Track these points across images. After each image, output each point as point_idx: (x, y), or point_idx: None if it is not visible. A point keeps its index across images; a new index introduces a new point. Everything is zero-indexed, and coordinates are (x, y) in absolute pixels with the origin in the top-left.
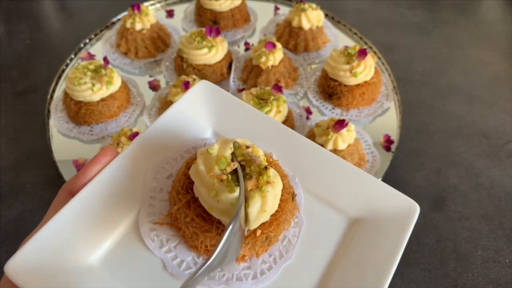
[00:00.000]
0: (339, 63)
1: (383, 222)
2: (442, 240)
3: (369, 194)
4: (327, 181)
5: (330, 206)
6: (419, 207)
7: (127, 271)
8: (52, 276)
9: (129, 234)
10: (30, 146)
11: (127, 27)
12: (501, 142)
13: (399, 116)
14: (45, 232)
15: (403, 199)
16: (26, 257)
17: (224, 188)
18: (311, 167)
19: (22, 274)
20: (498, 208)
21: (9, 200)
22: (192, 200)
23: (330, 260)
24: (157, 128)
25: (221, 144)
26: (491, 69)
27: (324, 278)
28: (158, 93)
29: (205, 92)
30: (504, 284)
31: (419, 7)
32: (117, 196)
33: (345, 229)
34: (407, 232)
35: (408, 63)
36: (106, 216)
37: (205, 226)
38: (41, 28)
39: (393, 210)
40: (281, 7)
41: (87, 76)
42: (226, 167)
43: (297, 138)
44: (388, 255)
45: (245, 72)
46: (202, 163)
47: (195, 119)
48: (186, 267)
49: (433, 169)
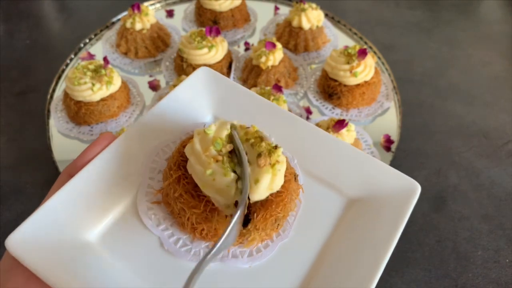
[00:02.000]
0: (339, 63)
1: (382, 202)
2: (442, 240)
3: (368, 174)
4: (325, 162)
5: (328, 187)
6: (420, 187)
7: (125, 248)
8: (52, 251)
9: (128, 213)
10: (30, 146)
11: (127, 27)
12: (501, 142)
13: (399, 116)
14: (45, 209)
15: (404, 178)
16: (26, 232)
17: (220, 169)
18: (310, 149)
19: (23, 248)
20: (498, 208)
21: (9, 200)
22: (183, 176)
23: (327, 240)
24: (157, 112)
25: (218, 126)
26: (491, 69)
27: (320, 257)
28: (158, 93)
29: (205, 77)
30: (504, 284)
31: (419, 7)
32: (116, 177)
33: (344, 210)
34: (407, 212)
35: (408, 63)
36: (105, 195)
37: (192, 202)
38: (41, 28)
39: (393, 189)
40: (281, 7)
41: (87, 76)
42: (222, 148)
43: (295, 120)
44: (386, 235)
45: (245, 72)
46: (199, 142)
47: (195, 104)
48: (182, 244)
49: (433, 169)
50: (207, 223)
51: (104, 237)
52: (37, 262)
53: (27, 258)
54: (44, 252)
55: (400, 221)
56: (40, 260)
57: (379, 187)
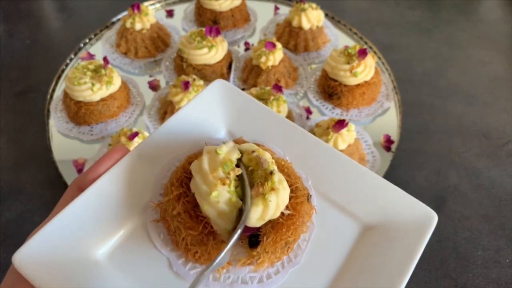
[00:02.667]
0: (339, 63)
1: (398, 230)
2: (442, 240)
3: (384, 200)
4: (341, 185)
5: (343, 211)
6: (437, 216)
7: (134, 267)
8: (58, 268)
9: (137, 231)
10: (30, 146)
11: (127, 27)
12: (501, 142)
13: (399, 116)
14: (53, 225)
15: (421, 207)
16: (33, 249)
17: (226, 193)
18: (325, 170)
19: (29, 265)
20: (498, 208)
21: (9, 200)
22: (184, 194)
23: (340, 267)
24: (171, 126)
25: (230, 148)
26: (491, 69)
27: (333, 285)
28: (158, 93)
29: (220, 90)
30: (504, 284)
31: (419, 7)
32: (127, 192)
33: (358, 236)
34: (423, 241)
35: (408, 63)
36: (114, 212)
37: (189, 223)
38: (41, 28)
39: (410, 218)
40: (281, 7)
41: (87, 76)
42: (230, 171)
43: (313, 140)
44: (401, 264)
45: (245, 72)
46: (207, 161)
47: (210, 118)
48: (191, 267)
49: (433, 169)
50: (201, 246)
51: (112, 255)
52: (43, 280)
53: (33, 275)
54: (50, 269)
55: (416, 250)
56: (46, 277)
57: (395, 214)
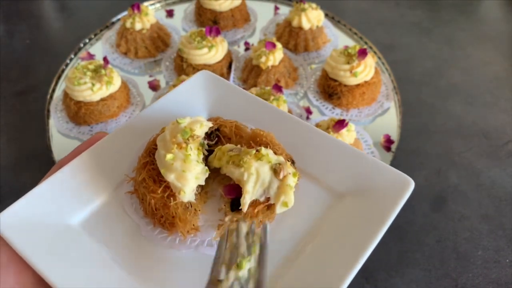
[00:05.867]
0: (339, 63)
1: (371, 198)
2: (442, 240)
3: (358, 169)
4: (316, 157)
5: (316, 181)
6: (413, 182)
7: (106, 233)
8: (36, 233)
9: (112, 201)
10: (30, 146)
11: (127, 27)
12: (501, 142)
13: (399, 116)
14: (34, 194)
15: (396, 174)
16: (15, 213)
17: (181, 155)
18: (302, 146)
19: (9, 227)
20: (498, 208)
21: (9, 200)
22: (150, 162)
23: (306, 235)
24: (155, 109)
25: (194, 119)
26: (491, 69)
27: (296, 250)
28: (158, 93)
29: (204, 80)
30: (504, 284)
31: (419, 7)
32: (104, 168)
33: (330, 204)
34: (395, 207)
35: (408, 63)
36: (92, 185)
37: (152, 187)
38: (41, 28)
39: (384, 185)
40: (281, 7)
41: (87, 76)
42: (189, 138)
43: (290, 119)
44: (369, 231)
45: (245, 72)
46: (169, 130)
47: (192, 104)
48: (160, 232)
49: (433, 169)
50: (165, 209)
51: (87, 222)
52: (21, 241)
53: (12, 236)
54: (29, 233)
55: (386, 216)
56: (24, 240)
57: (369, 182)
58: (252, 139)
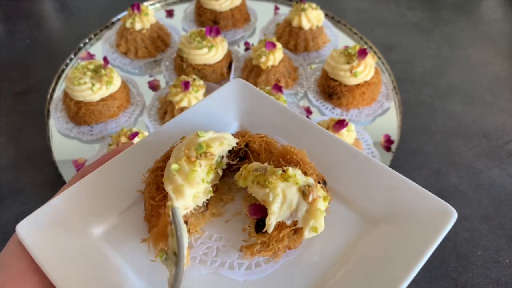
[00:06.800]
0: (339, 63)
1: (409, 225)
2: (442, 240)
3: (396, 194)
4: (351, 178)
5: (349, 205)
6: (456, 213)
7: (127, 245)
8: (56, 242)
9: (135, 211)
10: (30, 146)
11: (127, 27)
12: (501, 142)
13: (399, 116)
14: (55, 201)
15: (437, 202)
16: (35, 220)
17: (186, 168)
18: (337, 165)
19: (30, 235)
20: (498, 208)
21: (9, 200)
22: (161, 168)
23: (338, 259)
24: (184, 118)
25: (215, 136)
26: (491, 69)
27: (326, 277)
28: (158, 93)
29: (237, 88)
30: (504, 284)
31: (419, 7)
32: (125, 180)
33: (363, 229)
34: (436, 238)
35: (408, 63)
36: (113, 195)
37: (153, 193)
38: (41, 28)
39: (424, 214)
40: (281, 7)
41: (87, 76)
42: (202, 153)
43: (326, 135)
44: (408, 259)
45: (245, 72)
46: (186, 140)
47: (224, 114)
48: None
49: (433, 169)
50: (157, 218)
51: (108, 233)
52: (41, 249)
53: (32, 244)
54: (48, 242)
55: (425, 247)
56: (43, 248)
57: (407, 209)
58: (282, 156)
